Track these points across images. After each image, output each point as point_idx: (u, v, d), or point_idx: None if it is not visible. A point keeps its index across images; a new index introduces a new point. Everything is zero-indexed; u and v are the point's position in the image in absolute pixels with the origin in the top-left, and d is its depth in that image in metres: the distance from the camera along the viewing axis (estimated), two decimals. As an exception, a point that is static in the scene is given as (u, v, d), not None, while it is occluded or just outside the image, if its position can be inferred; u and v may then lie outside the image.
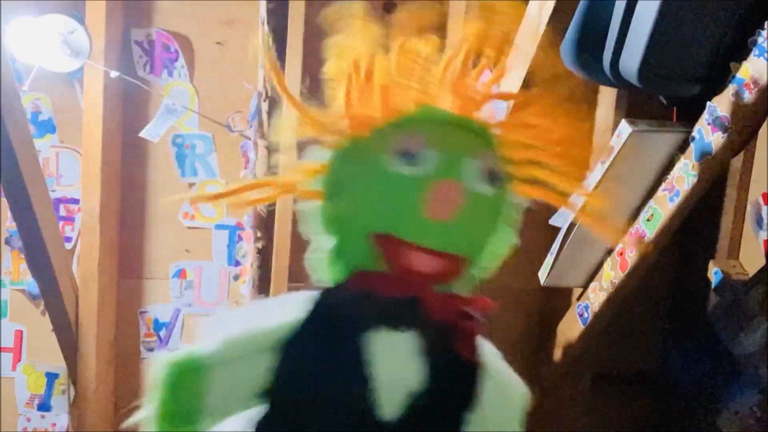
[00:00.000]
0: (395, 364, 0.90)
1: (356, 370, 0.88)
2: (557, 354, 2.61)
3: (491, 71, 0.98)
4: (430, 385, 0.92)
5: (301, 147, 0.94)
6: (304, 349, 0.89)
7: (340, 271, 0.94)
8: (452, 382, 0.95)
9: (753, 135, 1.74)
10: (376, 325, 0.89)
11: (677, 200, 1.79)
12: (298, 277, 2.59)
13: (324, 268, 0.94)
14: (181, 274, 2.79)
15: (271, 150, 2.11)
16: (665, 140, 1.78)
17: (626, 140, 1.78)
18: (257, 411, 0.92)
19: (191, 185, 2.74)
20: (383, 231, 0.89)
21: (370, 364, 0.88)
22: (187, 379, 0.88)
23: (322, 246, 0.95)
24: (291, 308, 0.91)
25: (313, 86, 1.02)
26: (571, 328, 2.47)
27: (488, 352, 1.05)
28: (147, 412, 0.92)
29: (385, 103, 0.90)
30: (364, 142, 0.91)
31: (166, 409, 0.90)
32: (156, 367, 0.89)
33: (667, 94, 1.81)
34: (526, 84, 1.04)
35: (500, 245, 1.00)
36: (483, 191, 0.90)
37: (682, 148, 1.76)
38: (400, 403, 0.90)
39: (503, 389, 1.06)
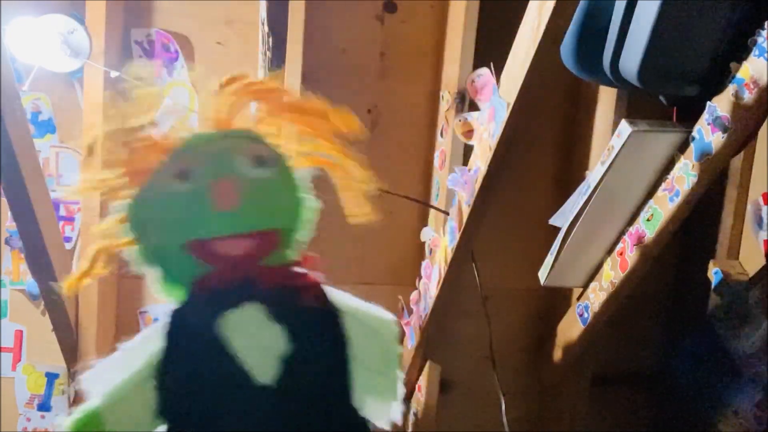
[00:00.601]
0: (252, 334, 1.03)
1: (222, 354, 1.01)
2: (557, 354, 2.62)
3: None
4: (296, 343, 1.04)
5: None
6: (175, 362, 1.03)
7: (179, 291, 1.10)
8: (316, 334, 1.07)
9: (753, 135, 1.74)
10: (218, 312, 1.03)
11: (677, 200, 1.79)
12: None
13: (166, 294, 1.11)
14: (181, 274, 2.80)
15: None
16: (665, 140, 1.78)
17: (626, 140, 1.78)
18: (159, 430, 1.05)
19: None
20: (190, 239, 1.03)
21: (230, 343, 1.01)
22: (90, 430, 1.02)
23: (155, 279, 1.11)
24: (152, 338, 1.07)
25: (313, 86, 1.13)
26: (571, 328, 2.47)
27: (340, 297, 1.15)
28: None
29: (153, 153, 1.09)
30: (148, 183, 1.07)
31: None
32: (61, 430, 1.03)
33: (667, 94, 1.81)
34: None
35: (306, 210, 1.12)
36: (258, 175, 1.05)
37: (682, 148, 1.76)
38: (275, 366, 1.02)
39: (366, 322, 1.15)
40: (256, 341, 1.03)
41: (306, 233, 1.14)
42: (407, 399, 2.64)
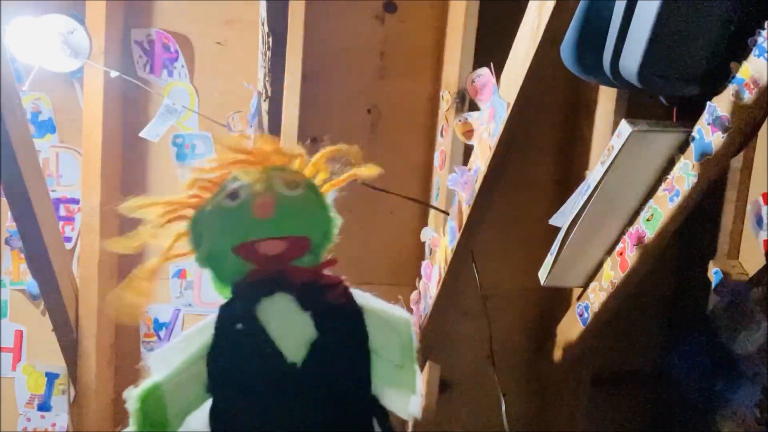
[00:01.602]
0: (284, 319, 1.27)
1: (258, 335, 1.25)
2: (557, 354, 2.62)
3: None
4: (321, 331, 1.27)
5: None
6: (222, 343, 1.27)
7: (227, 290, 1.36)
8: (339, 325, 1.30)
9: (753, 135, 1.74)
10: (257, 299, 1.28)
11: (677, 200, 1.79)
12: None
13: (218, 292, 1.38)
14: (181, 274, 2.79)
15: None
16: (665, 140, 1.78)
17: (626, 140, 1.78)
18: (207, 404, 1.28)
19: (191, 185, 2.75)
20: (237, 242, 1.31)
21: (266, 326, 1.26)
22: (151, 403, 1.27)
23: (210, 278, 1.39)
24: (205, 328, 1.31)
25: (313, 86, 1.26)
26: (571, 328, 2.47)
27: (363, 297, 1.39)
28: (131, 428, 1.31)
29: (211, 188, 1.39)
30: (206, 205, 1.36)
31: (140, 425, 1.29)
32: (128, 401, 1.31)
33: (667, 94, 1.81)
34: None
35: (329, 224, 1.40)
36: (289, 194, 1.33)
37: (682, 148, 1.76)
38: (303, 349, 1.25)
39: (384, 319, 1.36)
40: (287, 325, 1.27)
41: (329, 243, 1.40)
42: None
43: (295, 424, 1.25)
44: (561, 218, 2.11)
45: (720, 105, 1.58)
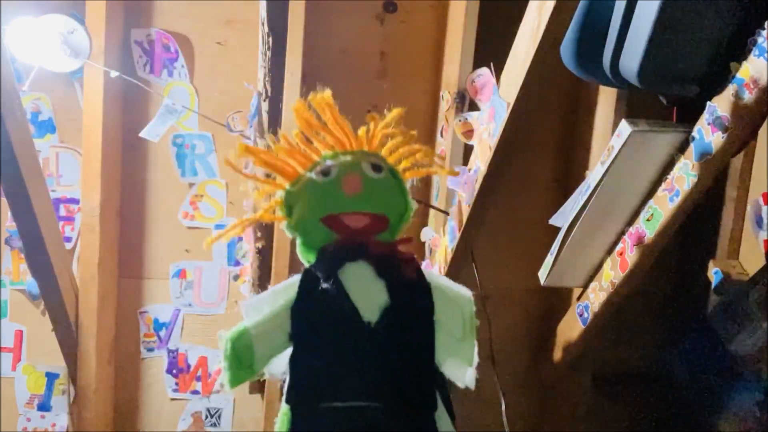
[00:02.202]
0: (362, 283, 1.43)
1: (339, 294, 1.40)
2: (557, 354, 2.62)
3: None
4: (393, 298, 1.41)
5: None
6: (306, 299, 1.42)
7: (311, 255, 1.49)
8: (409, 295, 1.44)
9: (753, 135, 1.74)
10: (340, 263, 1.43)
11: (677, 200, 1.79)
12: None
13: (303, 256, 1.52)
14: (181, 274, 2.80)
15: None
16: (665, 140, 1.78)
17: (626, 140, 1.78)
18: (288, 350, 1.42)
19: (191, 185, 2.74)
20: (326, 213, 1.45)
21: (346, 286, 1.41)
22: (241, 344, 1.41)
23: (298, 244, 1.53)
24: (291, 284, 1.45)
25: (313, 86, 1.30)
26: (571, 328, 2.47)
27: (433, 274, 1.54)
28: (221, 369, 1.42)
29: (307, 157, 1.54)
30: (300, 179, 1.51)
31: (232, 365, 1.40)
32: (221, 341, 1.41)
33: (667, 94, 1.81)
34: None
35: (406, 207, 1.53)
36: (373, 176, 1.49)
37: (682, 148, 1.76)
38: (378, 312, 1.40)
39: (450, 296, 1.50)
40: (364, 289, 1.42)
41: (404, 224, 1.54)
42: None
43: (366, 376, 1.40)
44: (561, 218, 2.11)
45: (720, 105, 1.58)
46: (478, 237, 2.42)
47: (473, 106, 2.37)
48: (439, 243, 2.41)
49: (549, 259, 2.20)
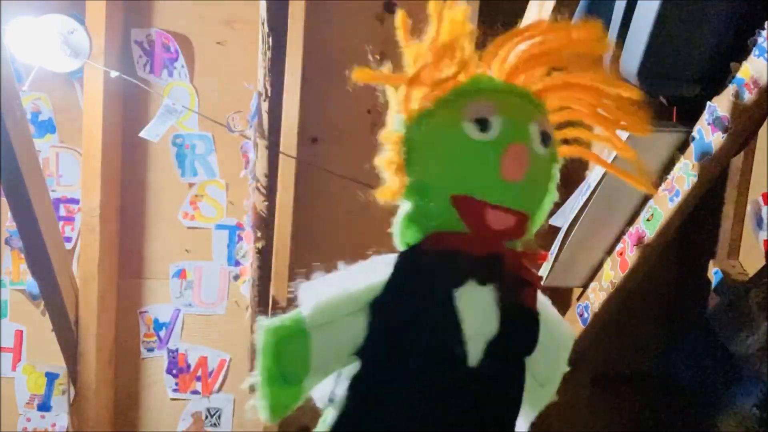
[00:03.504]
0: (480, 315, 0.97)
1: (447, 321, 0.95)
2: (557, 354, 2.61)
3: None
4: (501, 333, 0.99)
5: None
6: (394, 306, 0.97)
7: (413, 235, 1.04)
8: (520, 330, 1.03)
9: (753, 135, 1.74)
10: (463, 280, 0.97)
11: (677, 200, 1.79)
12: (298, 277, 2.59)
13: (399, 233, 1.06)
14: (181, 274, 2.80)
15: (270, 149, 2.11)
16: (665, 140, 1.78)
17: (626, 140, 1.78)
18: (350, 369, 0.99)
19: (191, 185, 2.74)
20: (463, 193, 0.96)
21: (460, 315, 0.95)
22: (290, 343, 0.94)
23: (400, 212, 1.05)
24: (376, 271, 1.00)
25: (313, 86, 1.13)
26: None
27: (543, 303, 1.11)
28: (256, 376, 0.97)
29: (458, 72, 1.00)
30: (436, 110, 1.00)
31: (270, 372, 0.95)
32: (259, 333, 0.94)
33: (667, 94, 1.81)
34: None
35: (548, 203, 1.07)
36: (542, 153, 0.99)
37: (682, 148, 1.76)
38: (482, 348, 0.98)
39: (555, 334, 1.12)
40: (480, 322, 0.98)
41: (540, 224, 1.08)
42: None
43: (450, 427, 1.00)
44: (561, 218, 2.11)
45: (720, 105, 1.58)
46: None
47: (473, 106, 2.37)
48: (439, 243, 2.41)
49: (549, 259, 2.20)
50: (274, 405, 0.96)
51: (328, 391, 1.02)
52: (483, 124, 0.95)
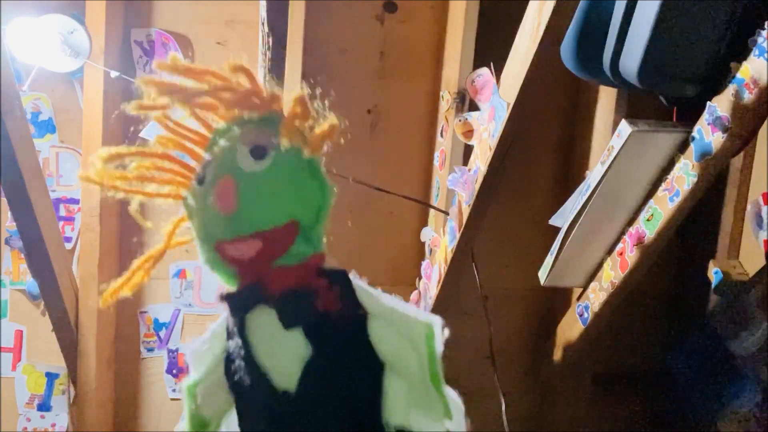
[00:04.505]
0: (270, 339, 0.99)
1: (247, 360, 1.00)
2: (557, 354, 2.62)
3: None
4: (315, 346, 0.97)
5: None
6: (227, 357, 1.03)
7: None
8: (336, 338, 1.00)
9: (753, 135, 1.74)
10: (240, 317, 1.00)
11: (677, 200, 1.79)
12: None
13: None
14: (181, 274, 2.79)
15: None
16: (665, 140, 1.78)
17: (626, 140, 1.78)
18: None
19: (191, 185, 2.75)
20: (212, 241, 1.00)
21: (250, 348, 0.99)
22: (192, 402, 1.06)
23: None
24: (221, 329, 1.05)
25: (313, 86, 1.10)
26: (571, 328, 2.47)
27: (374, 297, 1.05)
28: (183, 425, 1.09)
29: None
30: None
31: (191, 421, 1.07)
32: (180, 395, 1.07)
33: (667, 94, 1.81)
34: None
35: (322, 194, 1.03)
36: (254, 169, 0.99)
37: (682, 148, 1.76)
38: (297, 370, 0.97)
39: (397, 326, 1.04)
40: (273, 346, 0.99)
41: (325, 221, 1.04)
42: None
43: None
44: (561, 218, 2.11)
45: (720, 105, 1.58)
46: (478, 237, 2.42)
47: (473, 106, 2.37)
48: (439, 243, 2.41)
49: (549, 259, 2.20)
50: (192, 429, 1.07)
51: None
52: (200, 177, 1.02)
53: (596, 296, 2.23)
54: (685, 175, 1.75)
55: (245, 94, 1.08)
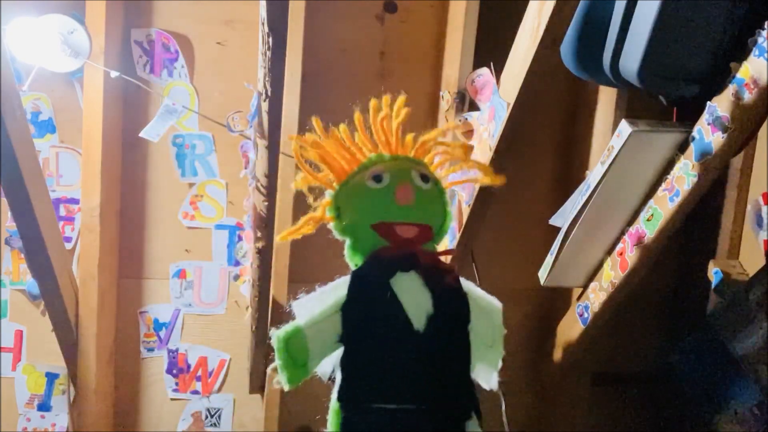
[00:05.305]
0: (411, 292, 1.49)
1: (392, 302, 1.46)
2: (557, 354, 2.62)
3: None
4: (437, 306, 1.49)
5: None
6: (355, 304, 1.48)
7: (358, 258, 1.56)
8: (451, 304, 1.52)
9: (753, 135, 1.74)
10: (392, 272, 1.49)
11: (677, 200, 1.80)
12: (298, 277, 2.59)
13: (349, 259, 1.58)
14: (181, 274, 2.79)
15: (270, 149, 2.11)
16: (665, 140, 1.78)
17: (626, 140, 1.79)
18: (339, 351, 1.49)
19: (191, 185, 2.74)
20: (377, 220, 1.51)
21: (398, 295, 1.47)
22: (293, 339, 1.45)
23: (346, 246, 1.58)
24: (340, 286, 1.51)
25: (313, 86, 1.19)
26: (571, 328, 2.47)
27: (467, 284, 1.61)
28: (275, 367, 1.46)
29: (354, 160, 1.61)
30: (349, 180, 1.58)
31: (287, 364, 1.45)
32: (273, 340, 1.44)
33: (667, 94, 1.82)
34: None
35: (447, 218, 1.60)
36: (423, 186, 1.54)
37: (682, 148, 1.76)
38: (424, 318, 1.47)
39: (483, 305, 1.60)
40: (415, 298, 1.48)
41: (444, 235, 1.60)
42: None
43: (415, 381, 1.47)
44: (561, 218, 2.12)
45: (720, 105, 1.59)
46: (478, 237, 2.42)
47: (473, 106, 2.37)
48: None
49: (549, 259, 2.20)
50: (291, 380, 1.45)
51: (328, 371, 1.52)
52: (378, 179, 1.52)
53: (596, 296, 2.23)
54: (685, 175, 1.75)
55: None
